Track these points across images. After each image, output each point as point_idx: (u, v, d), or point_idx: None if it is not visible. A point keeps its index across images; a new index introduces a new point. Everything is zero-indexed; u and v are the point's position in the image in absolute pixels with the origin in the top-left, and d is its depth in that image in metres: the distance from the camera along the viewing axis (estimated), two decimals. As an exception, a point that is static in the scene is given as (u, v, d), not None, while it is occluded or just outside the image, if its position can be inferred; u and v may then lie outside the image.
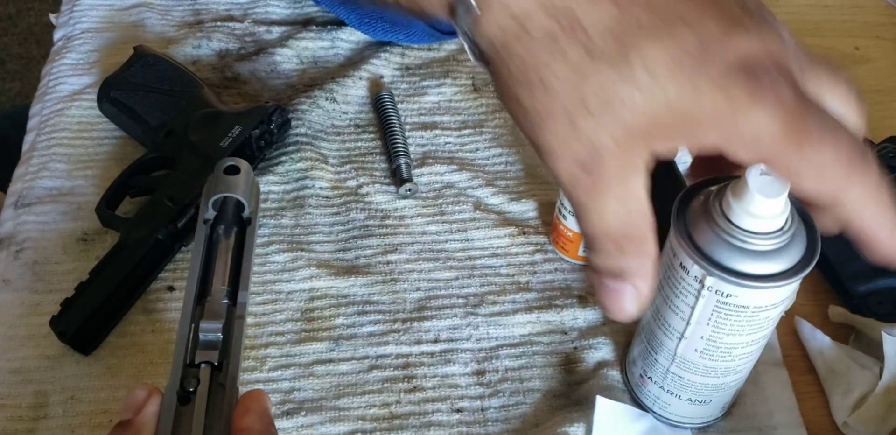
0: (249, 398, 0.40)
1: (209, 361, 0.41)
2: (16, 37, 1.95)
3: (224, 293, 0.43)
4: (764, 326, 0.47)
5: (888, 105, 0.76)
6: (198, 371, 0.41)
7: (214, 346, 0.41)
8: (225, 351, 0.41)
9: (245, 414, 0.39)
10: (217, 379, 0.41)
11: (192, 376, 0.40)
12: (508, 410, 0.56)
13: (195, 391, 0.40)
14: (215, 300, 0.43)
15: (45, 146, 0.69)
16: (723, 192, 0.44)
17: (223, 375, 0.41)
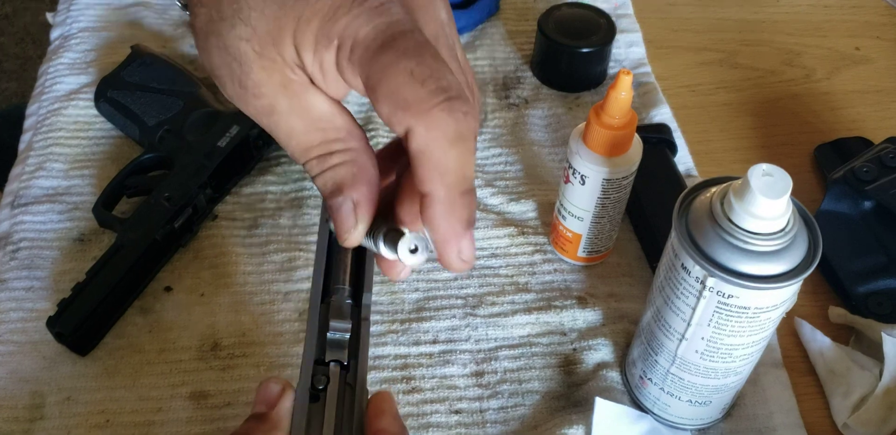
0: (381, 399, 0.39)
1: (339, 360, 0.40)
2: (12, 36, 1.94)
3: (347, 293, 0.42)
4: (765, 328, 0.46)
5: (888, 105, 0.75)
6: (327, 369, 0.40)
7: (341, 345, 0.41)
8: (353, 351, 0.40)
9: (380, 415, 0.38)
10: (345, 378, 0.40)
11: (322, 374, 0.39)
12: (507, 411, 0.56)
13: (325, 389, 0.39)
14: (339, 300, 0.42)
15: (41, 146, 0.68)
16: (725, 193, 0.44)
17: (351, 374, 0.40)
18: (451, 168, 0.34)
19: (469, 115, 0.34)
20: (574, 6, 0.74)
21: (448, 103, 0.34)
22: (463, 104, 0.34)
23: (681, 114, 0.73)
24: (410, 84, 0.34)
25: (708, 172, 0.69)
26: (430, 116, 0.34)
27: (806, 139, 0.72)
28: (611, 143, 0.54)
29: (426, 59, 0.34)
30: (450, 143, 0.34)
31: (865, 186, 0.62)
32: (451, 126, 0.34)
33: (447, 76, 0.34)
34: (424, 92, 0.34)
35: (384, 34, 0.34)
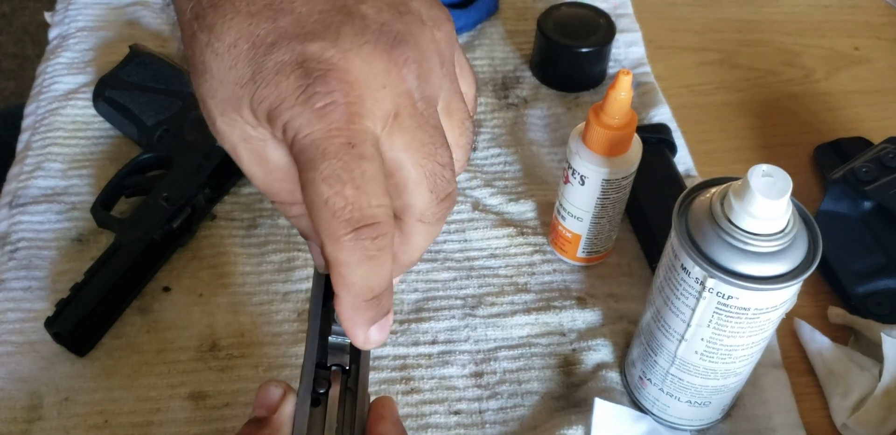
0: (381, 405, 0.40)
1: (340, 364, 0.41)
2: (10, 36, 1.94)
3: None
4: (765, 328, 0.46)
5: (887, 105, 0.75)
6: (328, 373, 0.40)
7: (343, 349, 0.41)
8: (354, 356, 0.41)
9: (380, 421, 0.39)
10: (346, 383, 0.40)
11: (324, 378, 0.40)
12: (506, 412, 0.56)
13: (326, 393, 0.39)
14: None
15: (39, 146, 0.68)
16: (724, 194, 0.43)
17: (352, 379, 0.40)
18: (355, 283, 0.36)
19: (380, 238, 0.35)
20: (573, 6, 0.74)
21: (356, 234, 0.35)
22: (373, 231, 0.35)
23: (680, 114, 0.73)
24: (323, 211, 0.35)
25: (707, 173, 0.69)
26: (338, 244, 0.35)
27: (805, 139, 0.72)
28: (610, 144, 0.54)
29: (345, 190, 0.35)
30: (355, 264, 0.36)
31: (865, 187, 0.62)
32: (356, 253, 0.35)
33: (363, 207, 0.35)
34: (335, 223, 0.35)
35: (315, 146, 0.35)
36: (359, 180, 0.35)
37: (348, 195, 0.35)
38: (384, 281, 0.37)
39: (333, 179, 0.35)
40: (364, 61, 0.36)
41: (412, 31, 0.37)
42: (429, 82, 0.38)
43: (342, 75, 0.35)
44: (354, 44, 0.36)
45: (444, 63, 0.39)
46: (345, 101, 0.35)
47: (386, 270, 0.37)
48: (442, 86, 0.39)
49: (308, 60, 0.35)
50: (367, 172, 0.35)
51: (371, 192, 0.35)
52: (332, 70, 0.35)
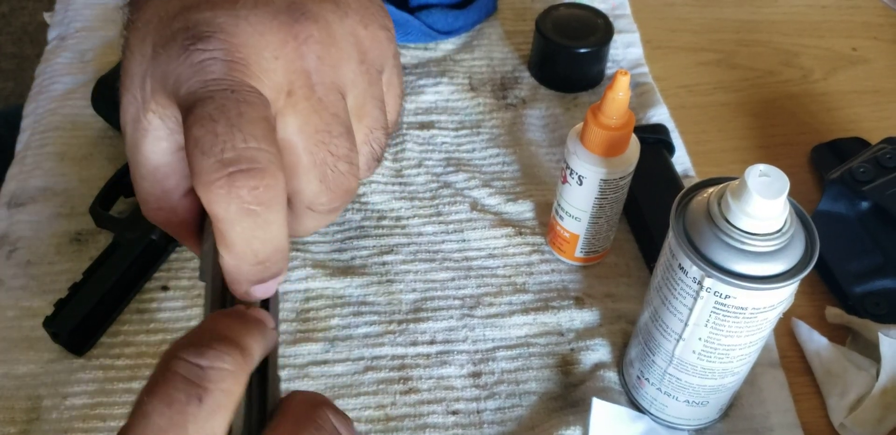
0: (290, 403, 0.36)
1: None
2: (9, 36, 1.94)
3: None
4: (762, 328, 0.46)
5: (885, 105, 0.76)
6: None
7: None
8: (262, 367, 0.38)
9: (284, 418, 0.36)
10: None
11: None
12: (504, 412, 0.56)
13: None
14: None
15: (38, 145, 0.68)
16: (722, 194, 0.44)
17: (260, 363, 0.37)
18: (235, 242, 0.33)
19: (260, 189, 0.32)
20: (572, 6, 0.74)
21: (228, 179, 0.32)
22: (251, 178, 0.32)
23: (678, 114, 0.73)
24: (194, 153, 0.32)
25: (705, 173, 0.69)
26: (209, 191, 0.32)
27: (803, 140, 0.72)
28: (608, 144, 0.54)
29: (217, 127, 0.32)
30: (233, 219, 0.33)
31: (862, 187, 0.62)
32: (232, 202, 0.32)
33: (238, 146, 0.32)
34: (206, 164, 0.32)
35: (193, 96, 0.33)
36: (235, 119, 0.32)
37: (220, 132, 0.32)
38: (272, 244, 0.34)
39: (206, 119, 0.32)
40: (255, 29, 0.34)
41: (325, 15, 0.36)
42: (336, 70, 0.36)
43: (227, 37, 0.34)
44: (250, 12, 0.34)
45: (366, 62, 0.37)
46: (225, 59, 0.33)
47: (273, 235, 0.34)
48: (356, 83, 0.37)
49: (198, 25, 0.34)
50: (245, 114, 0.33)
51: (249, 133, 0.32)
52: (217, 32, 0.34)
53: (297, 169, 0.36)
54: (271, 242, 0.34)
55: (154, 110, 0.36)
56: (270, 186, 0.33)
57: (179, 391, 0.30)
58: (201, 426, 0.30)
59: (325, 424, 0.33)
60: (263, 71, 0.34)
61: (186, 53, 0.34)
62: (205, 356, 0.30)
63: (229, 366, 0.31)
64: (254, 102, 0.33)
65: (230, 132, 0.32)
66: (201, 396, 0.30)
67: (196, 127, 0.33)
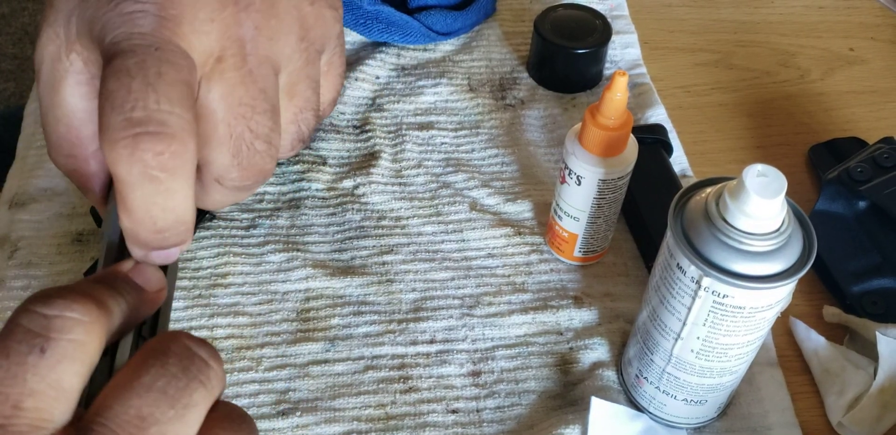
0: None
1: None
2: (10, 36, 1.94)
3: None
4: (760, 327, 0.47)
5: (883, 106, 0.76)
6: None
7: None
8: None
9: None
10: (140, 331, 0.35)
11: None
12: (504, 411, 0.56)
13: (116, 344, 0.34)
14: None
15: (40, 145, 0.68)
16: (720, 193, 0.44)
17: (147, 326, 0.35)
18: (134, 208, 0.32)
19: (166, 154, 0.31)
20: (570, 7, 0.75)
21: (134, 139, 0.30)
22: (158, 142, 0.30)
23: (676, 114, 0.73)
24: (104, 106, 0.31)
25: (703, 173, 0.69)
26: (113, 149, 0.31)
27: (800, 140, 0.72)
28: (606, 144, 0.54)
29: (132, 83, 0.31)
30: (134, 182, 0.31)
31: (860, 187, 0.62)
32: (134, 165, 0.31)
33: (150, 106, 0.31)
34: (114, 120, 0.31)
35: (116, 47, 0.32)
36: (152, 78, 0.31)
37: (134, 89, 0.31)
38: (173, 214, 0.32)
39: (123, 73, 0.31)
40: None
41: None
42: (273, 43, 0.34)
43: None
44: None
45: (306, 39, 0.36)
46: (157, 13, 0.32)
47: (176, 204, 0.32)
48: (292, 59, 0.35)
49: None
50: (165, 75, 0.31)
51: (165, 94, 0.31)
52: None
53: (212, 139, 0.34)
54: (173, 212, 0.32)
55: (78, 52, 0.34)
56: (177, 153, 0.31)
57: (20, 342, 0.28)
58: (43, 377, 0.28)
59: (177, 347, 0.30)
60: (195, 32, 0.33)
61: (116, 1, 0.32)
62: (51, 306, 0.28)
63: (78, 315, 0.28)
64: (177, 63, 0.32)
65: (144, 90, 0.31)
66: (43, 346, 0.28)
67: (111, 79, 0.31)
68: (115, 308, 0.30)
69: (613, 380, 0.57)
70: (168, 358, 0.29)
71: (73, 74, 0.35)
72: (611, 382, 0.56)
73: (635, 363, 0.54)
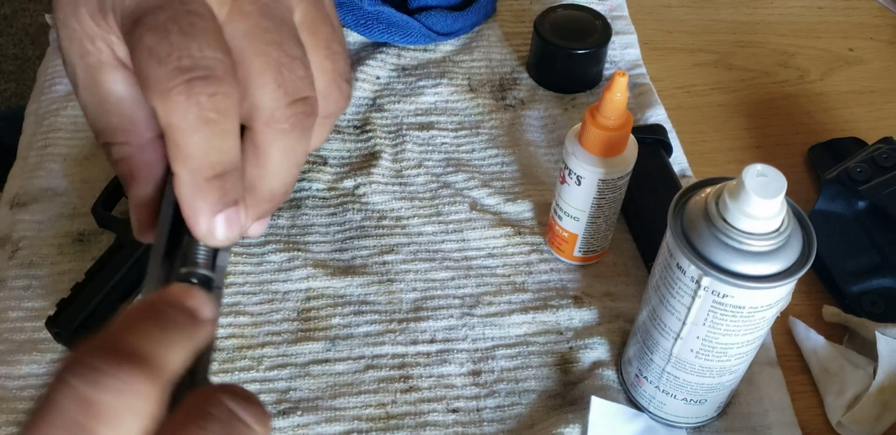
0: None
1: None
2: (11, 37, 1.94)
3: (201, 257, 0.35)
4: (760, 327, 0.47)
5: (882, 106, 0.76)
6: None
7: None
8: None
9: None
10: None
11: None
12: (504, 410, 0.56)
13: None
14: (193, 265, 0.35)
15: (40, 146, 0.69)
16: (719, 193, 0.44)
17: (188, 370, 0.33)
18: (193, 154, 0.32)
19: (218, 96, 0.31)
20: (570, 8, 0.75)
21: (187, 85, 0.31)
22: (208, 85, 0.31)
23: (676, 115, 0.73)
24: (149, 62, 0.31)
25: (703, 173, 0.69)
26: (167, 99, 0.31)
27: (800, 140, 0.72)
28: (606, 144, 0.54)
29: (170, 36, 0.31)
30: (190, 127, 0.31)
31: (859, 186, 0.62)
32: (190, 110, 0.31)
33: (194, 54, 0.31)
34: (162, 72, 0.31)
35: (141, 7, 0.32)
36: (187, 29, 0.32)
37: (175, 41, 0.31)
38: (228, 156, 0.33)
39: (159, 28, 0.32)
40: None
41: None
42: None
43: None
44: None
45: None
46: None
47: (230, 144, 0.33)
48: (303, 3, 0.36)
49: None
50: (197, 24, 0.32)
51: (203, 42, 0.32)
52: None
53: (250, 76, 0.34)
54: (228, 154, 0.33)
55: (100, 36, 0.34)
56: (228, 94, 0.32)
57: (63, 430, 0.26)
58: None
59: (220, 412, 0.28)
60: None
61: None
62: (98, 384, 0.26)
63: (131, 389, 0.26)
64: (202, 13, 0.33)
65: (185, 40, 0.31)
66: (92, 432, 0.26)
67: (149, 36, 0.32)
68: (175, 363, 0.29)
69: (613, 379, 0.57)
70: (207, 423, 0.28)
71: (107, 64, 0.35)
72: (611, 382, 0.57)
73: (635, 363, 0.54)
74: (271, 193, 0.36)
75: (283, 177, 0.36)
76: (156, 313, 0.29)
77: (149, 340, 0.28)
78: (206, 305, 0.31)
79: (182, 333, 0.29)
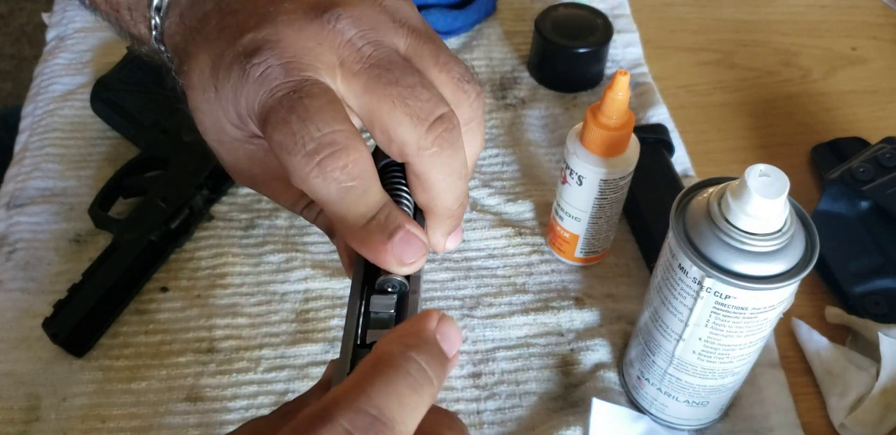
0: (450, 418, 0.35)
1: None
2: (8, 37, 1.94)
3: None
4: (762, 328, 0.46)
5: (884, 105, 0.76)
6: (369, 352, 0.35)
7: (387, 324, 0.37)
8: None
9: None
10: None
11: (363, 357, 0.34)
12: (504, 412, 0.56)
13: None
14: (385, 273, 0.38)
15: (37, 147, 0.68)
16: (722, 193, 0.44)
17: None
18: (345, 216, 0.37)
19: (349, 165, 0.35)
20: (571, 6, 0.74)
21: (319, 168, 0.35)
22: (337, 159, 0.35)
23: (678, 114, 0.73)
24: (282, 156, 0.35)
25: (705, 173, 0.69)
26: (308, 183, 0.36)
27: (803, 139, 0.72)
28: (608, 144, 0.54)
29: (291, 126, 0.35)
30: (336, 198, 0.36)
31: (862, 186, 0.62)
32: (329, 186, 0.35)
33: (314, 136, 0.35)
34: (295, 162, 0.35)
35: (265, 108, 0.36)
36: (302, 114, 0.35)
37: (296, 130, 0.35)
38: (375, 205, 0.37)
39: (281, 122, 0.35)
40: (294, 29, 0.37)
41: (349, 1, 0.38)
42: (374, 30, 0.38)
43: (273, 45, 0.36)
44: (284, 19, 0.37)
45: (397, 20, 0.39)
46: (279, 63, 0.36)
47: (373, 198, 0.36)
48: (399, 33, 0.39)
49: (245, 47, 0.37)
50: (310, 107, 0.35)
51: (319, 120, 0.35)
52: (263, 44, 0.37)
53: (384, 120, 0.37)
54: (374, 205, 0.36)
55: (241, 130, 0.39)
56: (357, 160, 0.35)
57: None
58: None
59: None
60: (313, 57, 0.37)
61: (246, 72, 0.36)
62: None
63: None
64: (315, 93, 0.36)
65: (304, 127, 0.35)
66: None
67: (276, 133, 0.35)
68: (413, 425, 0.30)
69: (615, 381, 0.57)
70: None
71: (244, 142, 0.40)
72: (612, 384, 0.56)
73: (637, 364, 0.54)
74: (448, 210, 0.39)
75: (451, 193, 0.39)
76: (409, 366, 0.31)
77: (401, 407, 0.30)
78: (457, 339, 0.33)
79: (430, 395, 0.31)
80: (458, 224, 0.41)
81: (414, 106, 0.37)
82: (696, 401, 0.52)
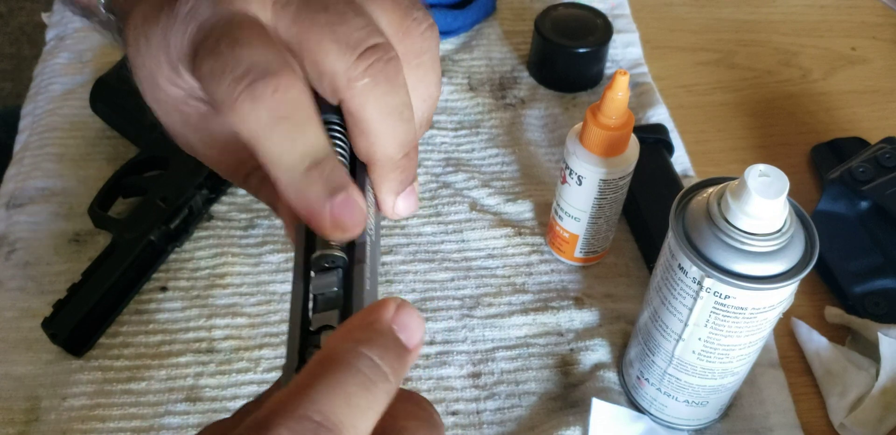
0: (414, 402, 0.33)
1: (328, 324, 0.32)
2: (7, 36, 1.94)
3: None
4: (762, 328, 0.46)
5: (885, 105, 0.76)
6: (318, 339, 0.32)
7: (334, 304, 0.33)
8: (348, 307, 0.33)
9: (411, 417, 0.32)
10: None
11: (313, 345, 0.32)
12: (504, 412, 0.56)
13: None
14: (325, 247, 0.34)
15: (37, 146, 0.68)
16: (721, 193, 0.43)
17: None
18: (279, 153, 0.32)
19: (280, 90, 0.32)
20: (571, 6, 0.74)
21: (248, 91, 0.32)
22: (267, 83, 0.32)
23: (677, 114, 0.73)
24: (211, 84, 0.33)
25: (705, 173, 0.69)
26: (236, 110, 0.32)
27: (802, 139, 0.72)
28: (607, 144, 0.54)
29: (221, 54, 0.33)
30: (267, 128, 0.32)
31: (862, 187, 0.62)
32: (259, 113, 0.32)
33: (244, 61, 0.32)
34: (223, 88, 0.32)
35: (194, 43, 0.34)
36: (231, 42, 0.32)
37: (225, 56, 0.32)
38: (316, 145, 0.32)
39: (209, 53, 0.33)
40: None
41: None
42: None
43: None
44: None
45: None
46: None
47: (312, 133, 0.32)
48: None
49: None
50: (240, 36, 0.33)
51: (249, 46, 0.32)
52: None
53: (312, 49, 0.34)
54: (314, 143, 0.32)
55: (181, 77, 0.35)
56: (290, 85, 0.32)
57: None
58: None
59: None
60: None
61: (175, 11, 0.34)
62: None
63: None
64: (245, 24, 0.33)
65: (232, 53, 0.32)
66: None
67: (203, 64, 0.33)
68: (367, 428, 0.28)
69: (614, 381, 0.56)
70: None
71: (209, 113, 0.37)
72: (612, 384, 0.56)
73: (636, 364, 0.53)
74: (390, 160, 0.35)
75: (392, 137, 0.34)
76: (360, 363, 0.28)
77: (349, 408, 0.27)
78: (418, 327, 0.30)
79: (386, 392, 0.28)
80: (407, 181, 0.36)
81: (342, 32, 0.33)
82: (695, 401, 0.52)
